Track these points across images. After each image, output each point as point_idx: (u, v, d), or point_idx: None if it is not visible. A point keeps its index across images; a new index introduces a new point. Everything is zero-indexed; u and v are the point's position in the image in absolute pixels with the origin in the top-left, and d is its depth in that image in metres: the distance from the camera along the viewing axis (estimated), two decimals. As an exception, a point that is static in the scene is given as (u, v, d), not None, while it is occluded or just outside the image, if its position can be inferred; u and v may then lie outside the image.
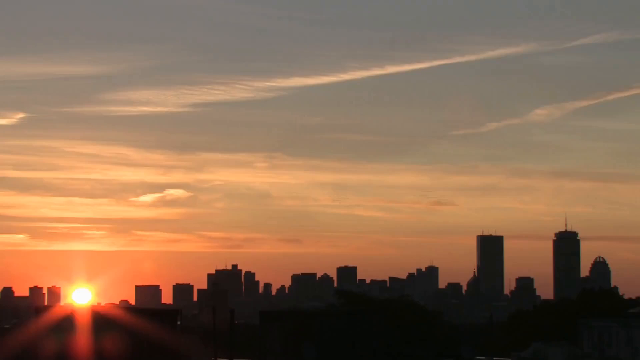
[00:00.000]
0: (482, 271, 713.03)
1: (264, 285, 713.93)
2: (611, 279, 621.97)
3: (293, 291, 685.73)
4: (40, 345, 78.24)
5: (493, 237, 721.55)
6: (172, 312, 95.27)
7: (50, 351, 77.76)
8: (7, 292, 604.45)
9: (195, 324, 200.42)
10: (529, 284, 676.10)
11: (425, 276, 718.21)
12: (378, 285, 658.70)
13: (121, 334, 78.97)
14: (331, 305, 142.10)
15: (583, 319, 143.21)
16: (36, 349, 78.55)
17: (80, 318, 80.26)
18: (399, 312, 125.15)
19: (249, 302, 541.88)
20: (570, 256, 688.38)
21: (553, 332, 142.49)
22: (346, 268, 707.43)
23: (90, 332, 78.43)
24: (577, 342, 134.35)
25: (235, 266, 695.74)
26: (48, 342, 77.94)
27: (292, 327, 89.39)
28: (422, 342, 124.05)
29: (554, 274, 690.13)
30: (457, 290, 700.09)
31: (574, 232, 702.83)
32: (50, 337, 78.10)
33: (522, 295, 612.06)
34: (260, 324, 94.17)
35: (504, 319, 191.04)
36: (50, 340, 77.97)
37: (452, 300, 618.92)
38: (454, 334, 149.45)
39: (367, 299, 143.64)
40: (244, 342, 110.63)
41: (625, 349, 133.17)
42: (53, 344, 77.80)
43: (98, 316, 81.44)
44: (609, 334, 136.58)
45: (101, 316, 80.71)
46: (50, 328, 79.23)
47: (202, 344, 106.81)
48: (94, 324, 79.78)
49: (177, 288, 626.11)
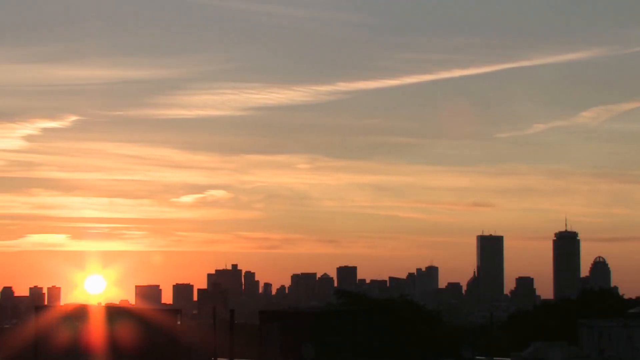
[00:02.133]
0: (482, 271, 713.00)
1: (264, 285, 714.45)
2: (611, 279, 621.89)
3: (293, 291, 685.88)
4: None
5: (493, 237, 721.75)
6: (172, 311, 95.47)
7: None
8: (7, 292, 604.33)
9: (195, 323, 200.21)
10: (529, 284, 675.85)
11: (425, 276, 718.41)
12: (378, 285, 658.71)
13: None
14: (331, 305, 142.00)
15: (583, 319, 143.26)
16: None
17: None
18: (399, 312, 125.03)
19: (249, 302, 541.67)
20: (570, 256, 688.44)
21: (553, 332, 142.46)
22: (346, 268, 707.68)
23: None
24: (577, 342, 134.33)
25: (235, 266, 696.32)
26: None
27: (292, 327, 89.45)
28: (422, 342, 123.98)
29: (554, 274, 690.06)
30: (457, 290, 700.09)
31: (574, 232, 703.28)
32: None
33: (522, 295, 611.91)
34: (260, 324, 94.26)
35: (504, 319, 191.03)
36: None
37: (452, 300, 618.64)
38: (454, 334, 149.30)
39: (367, 299, 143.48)
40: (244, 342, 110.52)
41: (625, 349, 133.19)
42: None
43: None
44: (609, 334, 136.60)
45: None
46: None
47: (201, 343, 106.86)
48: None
49: (177, 288, 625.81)
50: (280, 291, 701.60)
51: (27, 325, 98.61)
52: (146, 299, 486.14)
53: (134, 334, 79.11)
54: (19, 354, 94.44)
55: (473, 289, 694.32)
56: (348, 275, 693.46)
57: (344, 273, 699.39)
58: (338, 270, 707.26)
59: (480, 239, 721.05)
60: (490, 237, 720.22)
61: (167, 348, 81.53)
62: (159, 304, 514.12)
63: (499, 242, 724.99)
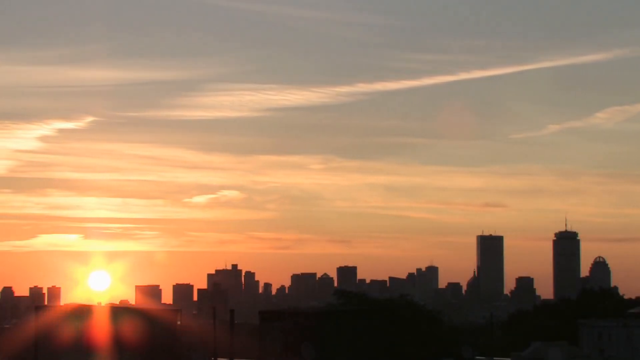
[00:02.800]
0: (482, 271, 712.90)
1: (264, 285, 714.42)
2: (611, 279, 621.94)
3: (293, 291, 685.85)
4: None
5: (493, 237, 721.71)
6: (172, 311, 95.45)
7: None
8: (7, 292, 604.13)
9: (195, 324, 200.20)
10: (529, 284, 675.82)
11: (425, 276, 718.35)
12: (378, 285, 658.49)
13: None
14: (331, 305, 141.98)
15: (583, 319, 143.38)
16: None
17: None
18: (399, 312, 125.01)
19: (249, 302, 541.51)
20: (570, 256, 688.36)
21: (553, 332, 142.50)
22: (346, 268, 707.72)
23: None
24: (577, 342, 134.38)
25: (235, 266, 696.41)
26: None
27: (292, 327, 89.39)
28: (422, 342, 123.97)
29: (554, 274, 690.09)
30: (457, 290, 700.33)
31: (574, 232, 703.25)
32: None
33: (522, 295, 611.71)
34: (260, 324, 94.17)
35: (504, 319, 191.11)
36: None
37: (452, 300, 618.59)
38: (454, 334, 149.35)
39: (367, 299, 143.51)
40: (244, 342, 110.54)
41: (625, 349, 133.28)
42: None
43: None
44: (609, 334, 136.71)
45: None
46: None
47: (201, 343, 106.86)
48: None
49: (177, 288, 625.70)
50: (280, 291, 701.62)
51: (27, 325, 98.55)
52: (146, 299, 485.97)
53: (135, 332, 79.20)
54: (19, 354, 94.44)
55: (473, 289, 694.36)
56: (348, 275, 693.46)
57: (344, 273, 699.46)
58: (338, 270, 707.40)
59: (480, 239, 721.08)
60: (490, 237, 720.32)
61: (168, 347, 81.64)
62: (159, 304, 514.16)
63: (499, 242, 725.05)
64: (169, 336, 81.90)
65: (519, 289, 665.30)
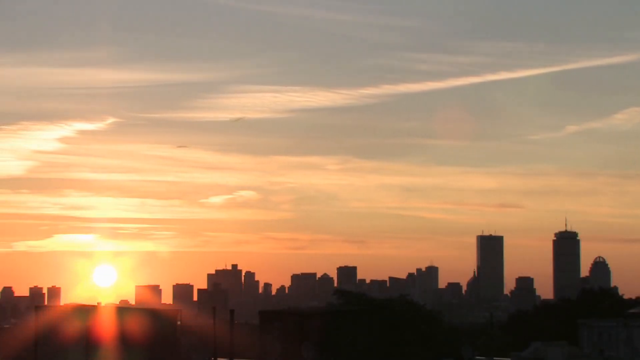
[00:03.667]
0: (482, 271, 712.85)
1: (264, 285, 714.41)
2: (611, 279, 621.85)
3: (293, 291, 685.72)
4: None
5: (493, 237, 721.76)
6: (172, 311, 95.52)
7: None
8: (7, 292, 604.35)
9: (195, 324, 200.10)
10: (529, 284, 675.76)
11: (425, 276, 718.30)
12: (378, 285, 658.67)
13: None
14: (331, 305, 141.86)
15: (583, 319, 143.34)
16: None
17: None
18: (399, 312, 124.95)
19: (249, 302, 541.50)
20: (570, 256, 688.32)
21: (553, 332, 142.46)
22: (346, 268, 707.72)
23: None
24: (577, 342, 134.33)
25: (235, 266, 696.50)
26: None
27: (292, 327, 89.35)
28: (422, 342, 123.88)
29: (554, 274, 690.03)
30: (457, 290, 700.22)
31: (574, 232, 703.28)
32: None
33: (522, 295, 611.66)
34: (260, 324, 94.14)
35: (504, 319, 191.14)
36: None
37: (452, 300, 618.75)
38: (454, 334, 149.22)
39: (367, 299, 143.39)
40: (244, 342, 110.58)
41: (625, 349, 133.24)
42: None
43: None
44: (609, 334, 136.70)
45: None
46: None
47: (201, 343, 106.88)
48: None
49: (177, 288, 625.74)
50: (280, 291, 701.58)
51: (27, 325, 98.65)
52: (146, 299, 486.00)
53: (137, 332, 79.26)
54: (19, 354, 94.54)
55: (473, 289, 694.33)
56: (348, 275, 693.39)
57: (344, 273, 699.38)
58: (338, 270, 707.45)
59: (480, 239, 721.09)
60: (490, 237, 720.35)
61: (170, 347, 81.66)
62: (159, 304, 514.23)
63: (499, 242, 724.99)
64: (170, 336, 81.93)
65: (519, 289, 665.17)
